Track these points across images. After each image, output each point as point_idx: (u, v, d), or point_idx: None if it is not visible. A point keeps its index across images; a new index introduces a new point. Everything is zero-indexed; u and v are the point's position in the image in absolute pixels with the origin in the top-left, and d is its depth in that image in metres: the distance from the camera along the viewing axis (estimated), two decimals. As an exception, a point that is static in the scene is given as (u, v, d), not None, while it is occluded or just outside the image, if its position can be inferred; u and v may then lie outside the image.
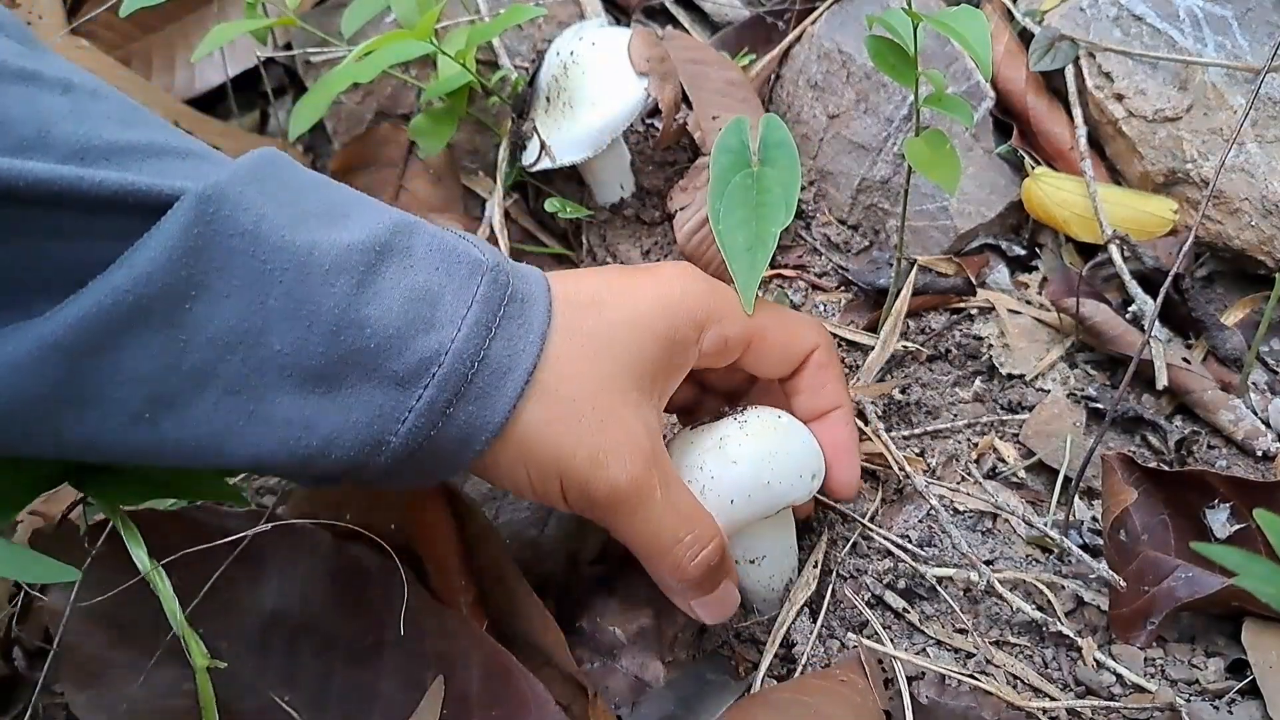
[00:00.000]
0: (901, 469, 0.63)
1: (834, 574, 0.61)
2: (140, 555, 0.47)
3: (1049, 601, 0.60)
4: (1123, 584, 0.57)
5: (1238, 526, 0.57)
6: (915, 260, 0.74)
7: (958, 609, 0.59)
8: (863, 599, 0.60)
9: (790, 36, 0.83)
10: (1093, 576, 0.61)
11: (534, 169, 0.75)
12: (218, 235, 0.39)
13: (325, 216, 0.44)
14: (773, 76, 0.83)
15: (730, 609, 0.54)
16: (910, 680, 0.55)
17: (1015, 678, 0.57)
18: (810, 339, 0.56)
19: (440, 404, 0.44)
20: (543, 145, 0.74)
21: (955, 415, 0.69)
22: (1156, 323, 0.66)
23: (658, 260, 0.78)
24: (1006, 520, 0.64)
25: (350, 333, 0.42)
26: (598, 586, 0.61)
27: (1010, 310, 0.73)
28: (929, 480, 0.65)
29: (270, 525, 0.51)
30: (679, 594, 0.53)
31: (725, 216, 0.55)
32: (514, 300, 0.47)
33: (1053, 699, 0.55)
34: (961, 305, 0.74)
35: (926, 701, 0.54)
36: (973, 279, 0.74)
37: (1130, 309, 0.71)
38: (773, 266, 0.78)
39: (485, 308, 0.46)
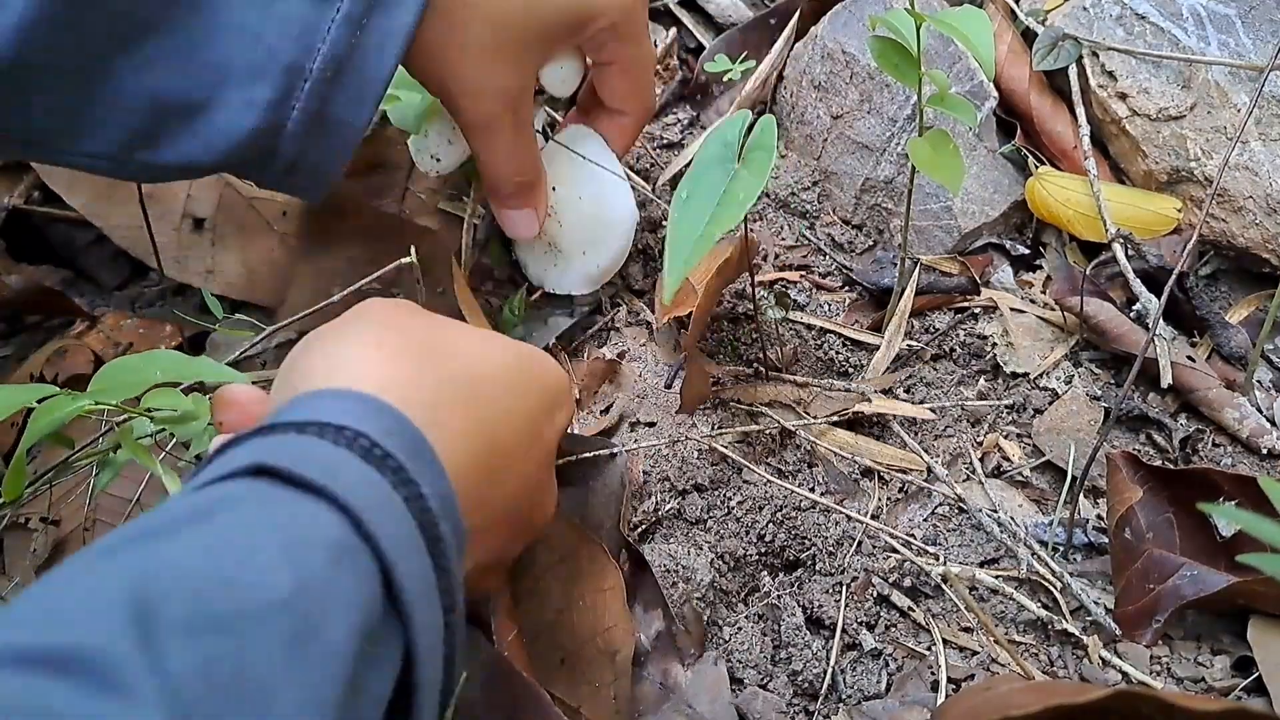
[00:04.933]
0: (921, 460, 0.63)
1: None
2: None
3: (1055, 599, 0.60)
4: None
5: (1243, 524, 0.57)
6: (919, 260, 0.74)
7: (963, 607, 0.60)
8: (870, 596, 0.60)
9: (793, 34, 0.83)
10: (1097, 574, 0.61)
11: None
12: None
13: None
14: (776, 77, 0.84)
15: (529, 231, 0.67)
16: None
17: (1021, 676, 0.57)
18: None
19: (356, 15, 0.51)
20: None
21: (959, 414, 0.69)
22: (1161, 321, 0.66)
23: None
24: (1011, 518, 0.64)
25: None
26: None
27: (1014, 309, 0.73)
28: (936, 478, 0.65)
29: None
30: (496, 205, 0.66)
31: (689, 203, 0.55)
32: None
33: (1058, 697, 0.55)
34: (965, 305, 0.74)
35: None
36: (977, 278, 0.74)
37: (1134, 308, 0.71)
38: (777, 268, 0.78)
39: None
